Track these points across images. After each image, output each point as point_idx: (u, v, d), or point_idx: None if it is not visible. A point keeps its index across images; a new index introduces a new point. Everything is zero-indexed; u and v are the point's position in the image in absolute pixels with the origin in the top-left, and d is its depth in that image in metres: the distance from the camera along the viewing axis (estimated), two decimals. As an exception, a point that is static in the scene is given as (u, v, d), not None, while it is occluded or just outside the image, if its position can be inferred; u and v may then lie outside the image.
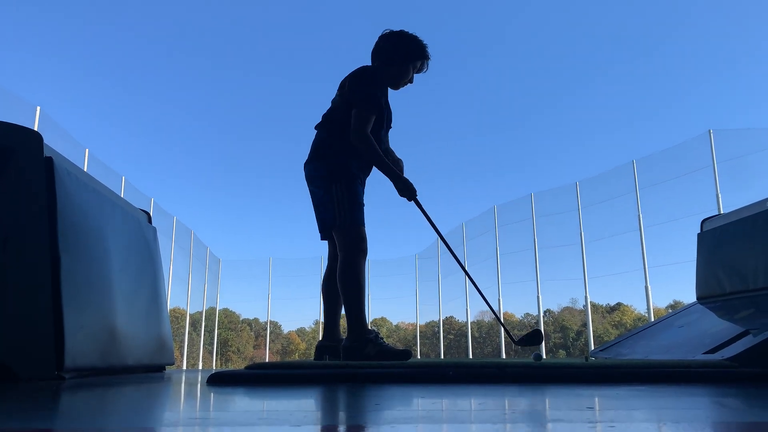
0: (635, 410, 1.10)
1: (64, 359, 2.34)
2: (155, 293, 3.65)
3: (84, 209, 2.79)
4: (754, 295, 3.23)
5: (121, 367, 2.94)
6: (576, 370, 2.13)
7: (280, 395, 1.52)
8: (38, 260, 2.40)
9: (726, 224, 3.66)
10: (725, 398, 1.40)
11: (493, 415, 1.03)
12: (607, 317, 35.89)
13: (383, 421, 0.91)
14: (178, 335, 19.69)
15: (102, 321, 2.79)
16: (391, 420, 0.93)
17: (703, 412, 1.08)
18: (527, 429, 0.83)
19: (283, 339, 40.26)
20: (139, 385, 2.06)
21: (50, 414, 1.09)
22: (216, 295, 21.03)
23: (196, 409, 1.22)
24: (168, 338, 3.79)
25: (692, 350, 2.79)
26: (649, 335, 3.61)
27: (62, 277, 2.43)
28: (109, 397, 1.56)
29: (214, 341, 22.26)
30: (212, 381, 2.10)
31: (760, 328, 2.60)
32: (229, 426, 0.90)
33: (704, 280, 3.75)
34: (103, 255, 2.92)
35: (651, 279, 12.06)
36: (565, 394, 1.48)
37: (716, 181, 10.75)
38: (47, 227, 2.44)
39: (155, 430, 0.84)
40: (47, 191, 2.50)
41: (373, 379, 2.09)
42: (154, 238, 3.88)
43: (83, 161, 11.44)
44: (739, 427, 0.88)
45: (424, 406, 1.21)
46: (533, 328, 3.33)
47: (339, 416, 1.02)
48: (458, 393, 1.54)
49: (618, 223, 13.37)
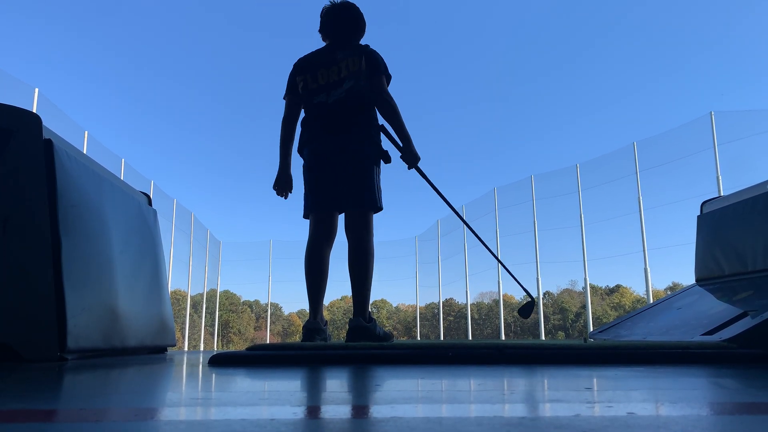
0: (633, 390, 1.11)
1: (66, 340, 2.35)
2: (156, 275, 3.66)
3: (84, 191, 2.79)
4: (753, 276, 3.24)
5: (123, 348, 2.96)
6: (574, 351, 2.14)
7: (281, 376, 1.53)
8: (39, 242, 2.40)
9: (726, 206, 3.66)
10: (723, 379, 1.41)
11: (492, 395, 1.04)
12: (606, 299, 36.05)
13: (383, 401, 0.92)
14: (179, 317, 19.79)
15: (104, 302, 2.81)
16: (390, 400, 0.94)
17: (700, 392, 1.08)
18: (525, 409, 0.84)
19: (284, 320, 40.51)
20: (140, 366, 2.08)
21: (53, 395, 1.10)
22: (217, 277, 21.12)
23: (198, 390, 1.23)
24: (169, 319, 3.81)
25: (690, 331, 2.81)
26: (647, 317, 3.63)
27: (63, 258, 2.44)
28: (111, 377, 1.57)
29: (215, 323, 22.39)
30: (213, 362, 2.12)
31: (758, 309, 2.62)
32: (230, 406, 0.90)
33: (703, 262, 3.76)
34: (104, 237, 2.93)
35: (650, 261, 12.11)
36: (563, 375, 1.49)
37: (717, 164, 10.73)
38: (47, 209, 2.44)
39: (157, 410, 0.85)
40: (47, 173, 2.49)
41: (373, 359, 2.10)
42: (155, 220, 3.88)
43: (82, 143, 11.40)
44: (736, 407, 0.89)
45: (424, 386, 1.22)
46: (528, 302, 3.55)
47: (340, 397, 1.03)
48: (458, 374, 1.56)
49: (618, 206, 13.39)
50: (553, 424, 0.68)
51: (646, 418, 0.72)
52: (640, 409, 0.82)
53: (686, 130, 11.89)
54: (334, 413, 0.78)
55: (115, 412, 0.83)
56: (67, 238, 2.49)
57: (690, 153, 11.65)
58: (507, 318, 21.24)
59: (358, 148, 3.02)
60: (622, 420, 0.71)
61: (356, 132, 3.04)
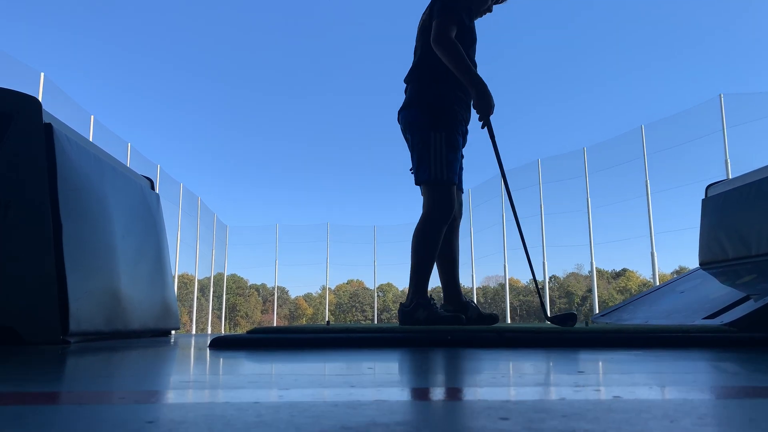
0: (626, 374, 1.11)
1: (68, 324, 2.37)
2: (159, 258, 3.68)
3: (85, 175, 2.79)
4: (756, 260, 3.22)
5: (127, 332, 2.98)
6: (574, 335, 2.14)
7: (278, 359, 1.54)
8: (40, 226, 2.41)
9: (730, 190, 3.63)
10: (721, 363, 1.40)
11: (482, 378, 1.04)
12: (612, 283, 36.02)
13: (370, 385, 0.92)
14: (187, 300, 19.94)
15: (106, 286, 2.82)
16: (379, 383, 0.94)
17: (695, 376, 1.08)
18: (511, 392, 0.84)
19: (291, 304, 40.74)
20: (142, 350, 2.09)
21: (54, 377, 1.11)
22: (224, 261, 21.23)
23: (190, 374, 1.24)
24: (173, 303, 3.84)
25: (692, 315, 2.80)
26: (650, 301, 3.61)
27: (65, 242, 2.45)
28: (113, 361, 1.58)
29: (223, 306, 22.55)
30: (214, 345, 2.13)
31: (760, 293, 2.60)
32: (219, 389, 0.91)
33: (707, 245, 3.73)
34: (106, 221, 2.94)
35: (657, 245, 12.06)
36: (559, 359, 1.49)
37: (726, 147, 10.62)
38: (48, 193, 2.45)
39: (144, 393, 0.86)
40: (47, 157, 2.50)
41: (371, 343, 2.11)
42: (157, 204, 3.89)
43: (89, 128, 11.41)
44: (728, 391, 0.89)
45: (414, 369, 1.22)
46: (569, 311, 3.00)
47: (330, 380, 1.03)
48: (454, 357, 1.56)
49: (625, 189, 13.33)
50: (535, 407, 0.67)
51: (630, 402, 0.72)
52: (628, 393, 0.82)
53: (695, 113, 11.78)
54: (319, 396, 0.78)
55: (115, 394, 0.83)
56: (68, 221, 2.50)
57: (698, 136, 11.55)
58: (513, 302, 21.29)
59: (411, 121, 2.83)
60: (606, 404, 0.71)
61: (416, 104, 2.84)
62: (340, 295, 41.44)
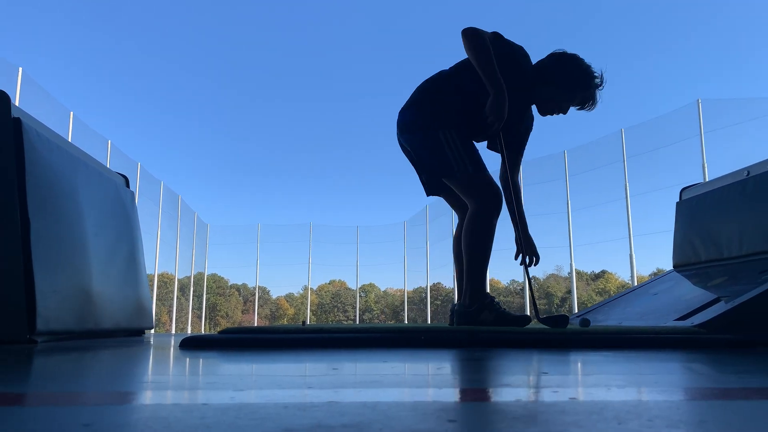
0: (589, 375, 1.11)
1: (36, 322, 2.32)
2: (133, 257, 3.62)
3: (55, 171, 2.74)
4: (727, 263, 3.26)
5: (98, 331, 2.93)
6: (546, 336, 2.14)
7: (245, 360, 1.52)
8: (7, 223, 2.36)
9: (703, 193, 3.67)
10: (690, 364, 1.41)
11: (444, 380, 1.03)
12: (591, 284, 36.37)
13: (329, 386, 0.91)
14: (166, 300, 19.74)
15: (77, 284, 2.77)
16: (337, 384, 0.93)
17: (659, 377, 1.08)
18: (468, 394, 0.83)
19: (272, 304, 40.54)
20: (110, 349, 2.06)
21: (18, 378, 1.08)
22: (204, 260, 21.03)
23: (148, 374, 1.22)
24: (146, 302, 3.78)
25: (664, 317, 2.82)
26: (625, 302, 3.65)
27: (32, 239, 2.40)
28: (73, 360, 1.55)
29: (203, 306, 22.35)
30: (184, 345, 2.10)
31: (731, 295, 2.63)
32: (173, 390, 0.89)
33: (681, 248, 3.78)
34: (77, 218, 2.88)
35: (635, 247, 12.19)
36: (527, 360, 1.49)
37: (703, 151, 10.77)
38: (16, 189, 2.39)
39: (93, 395, 0.84)
40: (15, 152, 2.44)
41: (345, 343, 2.10)
42: (132, 202, 3.84)
43: (68, 124, 11.23)
44: (691, 392, 0.89)
45: (378, 370, 1.21)
46: (561, 314, 2.90)
47: (290, 381, 1.01)
48: (424, 358, 1.55)
49: (605, 192, 13.45)
50: (489, 408, 0.67)
51: (584, 404, 0.71)
52: (586, 394, 0.82)
53: (674, 118, 11.93)
54: (272, 397, 0.77)
55: (36, 397, 0.81)
56: (36, 218, 2.45)
57: (677, 140, 11.70)
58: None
59: (411, 119, 2.72)
60: (560, 405, 0.70)
61: (417, 102, 2.74)
62: (322, 295, 41.31)
